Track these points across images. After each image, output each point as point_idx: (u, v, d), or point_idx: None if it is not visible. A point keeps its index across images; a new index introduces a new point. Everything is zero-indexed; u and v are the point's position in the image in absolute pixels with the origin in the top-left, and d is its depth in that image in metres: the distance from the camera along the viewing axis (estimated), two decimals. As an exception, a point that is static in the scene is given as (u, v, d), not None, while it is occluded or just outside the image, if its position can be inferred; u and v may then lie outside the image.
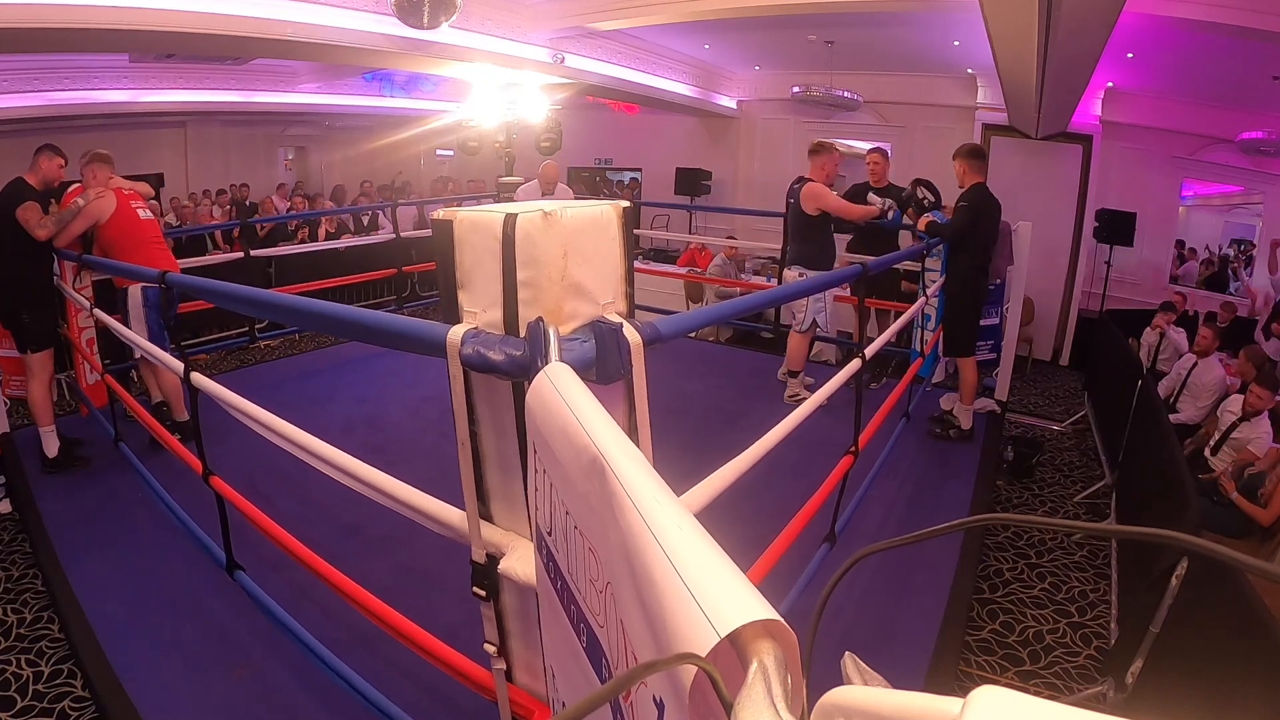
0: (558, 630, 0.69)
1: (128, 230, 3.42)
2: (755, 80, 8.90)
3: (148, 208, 3.60)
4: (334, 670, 1.79)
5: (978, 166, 3.83)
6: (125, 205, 3.43)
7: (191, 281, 2.38)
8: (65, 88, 6.79)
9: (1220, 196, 7.93)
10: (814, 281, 2.53)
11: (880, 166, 4.63)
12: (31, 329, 3.39)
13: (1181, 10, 4.16)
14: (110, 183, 3.45)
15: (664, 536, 0.43)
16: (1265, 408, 3.69)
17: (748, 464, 1.57)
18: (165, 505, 2.67)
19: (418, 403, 4.10)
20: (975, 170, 3.82)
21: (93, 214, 3.34)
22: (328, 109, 9.22)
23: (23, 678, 2.24)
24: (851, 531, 2.51)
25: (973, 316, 4.00)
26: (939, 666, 2.28)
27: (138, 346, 2.92)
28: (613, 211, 1.11)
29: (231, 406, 1.79)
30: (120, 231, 3.40)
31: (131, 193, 3.53)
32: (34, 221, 3.21)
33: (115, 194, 3.42)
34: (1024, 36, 3.54)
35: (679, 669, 0.36)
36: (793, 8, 5.10)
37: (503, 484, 1.17)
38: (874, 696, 0.38)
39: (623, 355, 1.07)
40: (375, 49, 5.11)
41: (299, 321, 2.51)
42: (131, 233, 3.43)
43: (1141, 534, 0.50)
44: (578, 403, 0.66)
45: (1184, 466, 2.80)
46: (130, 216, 3.45)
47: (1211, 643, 1.90)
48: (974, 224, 3.81)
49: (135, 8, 3.93)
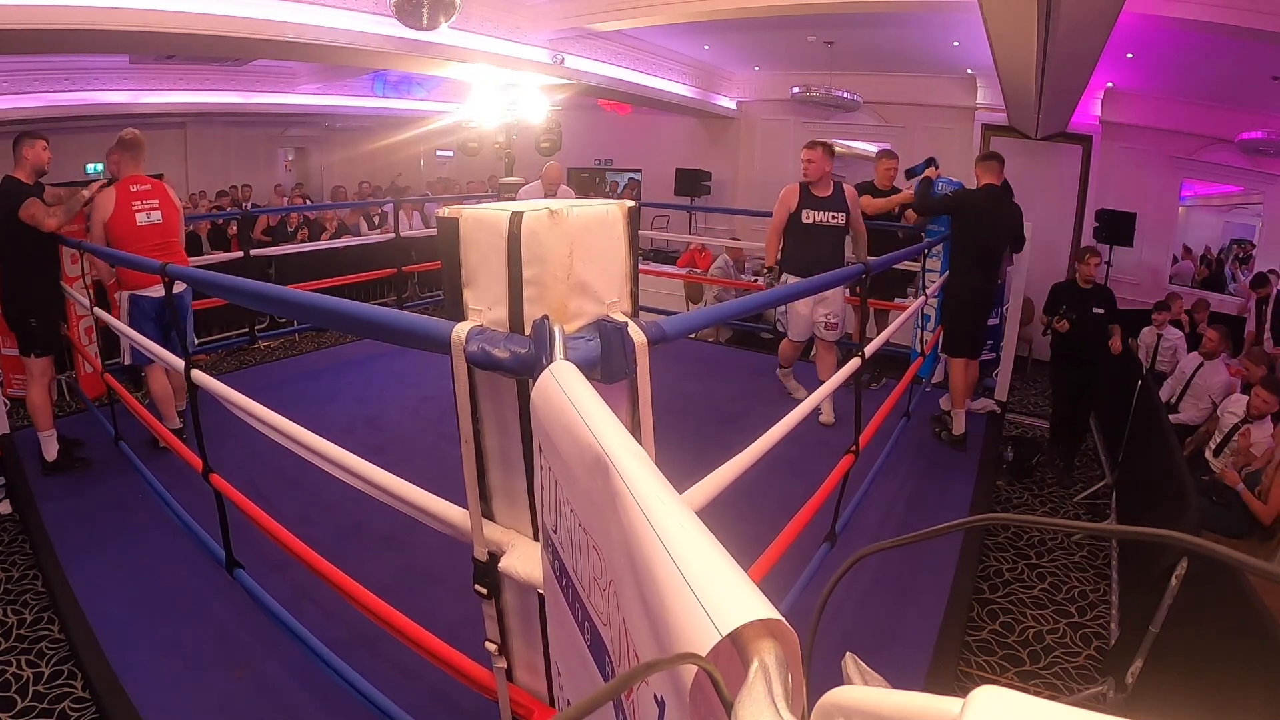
0: (563, 628, 0.70)
1: (121, 234, 3.21)
2: (755, 81, 8.90)
3: (161, 209, 3.33)
4: (334, 669, 1.79)
5: (988, 169, 3.93)
6: (124, 207, 3.22)
7: (194, 273, 2.32)
8: (65, 88, 6.80)
9: (1220, 196, 7.93)
10: (815, 281, 2.52)
11: (890, 171, 4.67)
12: (38, 333, 3.31)
13: (1181, 10, 4.16)
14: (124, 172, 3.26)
15: (666, 535, 0.43)
16: (1270, 411, 3.68)
17: (748, 463, 1.57)
18: (165, 504, 2.67)
19: (418, 403, 4.10)
20: (984, 173, 3.93)
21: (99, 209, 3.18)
22: (328, 110, 9.22)
23: (23, 678, 2.24)
24: (851, 531, 2.52)
25: (964, 317, 4.01)
26: (939, 666, 2.29)
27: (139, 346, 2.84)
28: (618, 211, 1.11)
29: (233, 405, 1.79)
30: (114, 235, 3.21)
31: (141, 192, 3.28)
32: (42, 214, 3.07)
33: (117, 192, 3.22)
34: (1024, 36, 3.55)
35: (680, 667, 0.37)
36: (793, 8, 5.11)
37: (505, 482, 1.17)
38: (874, 696, 0.38)
39: (627, 354, 1.07)
40: (375, 50, 5.12)
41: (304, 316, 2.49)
42: (124, 237, 3.20)
43: (1141, 534, 0.50)
44: (582, 401, 0.66)
45: (1184, 466, 2.81)
46: (126, 220, 3.22)
47: (1211, 643, 1.90)
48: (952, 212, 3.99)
49: (135, 9, 3.93)
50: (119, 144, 3.29)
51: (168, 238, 3.37)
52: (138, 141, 3.35)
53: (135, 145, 3.34)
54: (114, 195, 3.24)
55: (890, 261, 2.98)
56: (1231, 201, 7.93)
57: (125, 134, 3.34)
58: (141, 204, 3.29)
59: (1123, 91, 6.85)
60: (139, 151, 3.35)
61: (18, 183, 3.12)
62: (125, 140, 3.31)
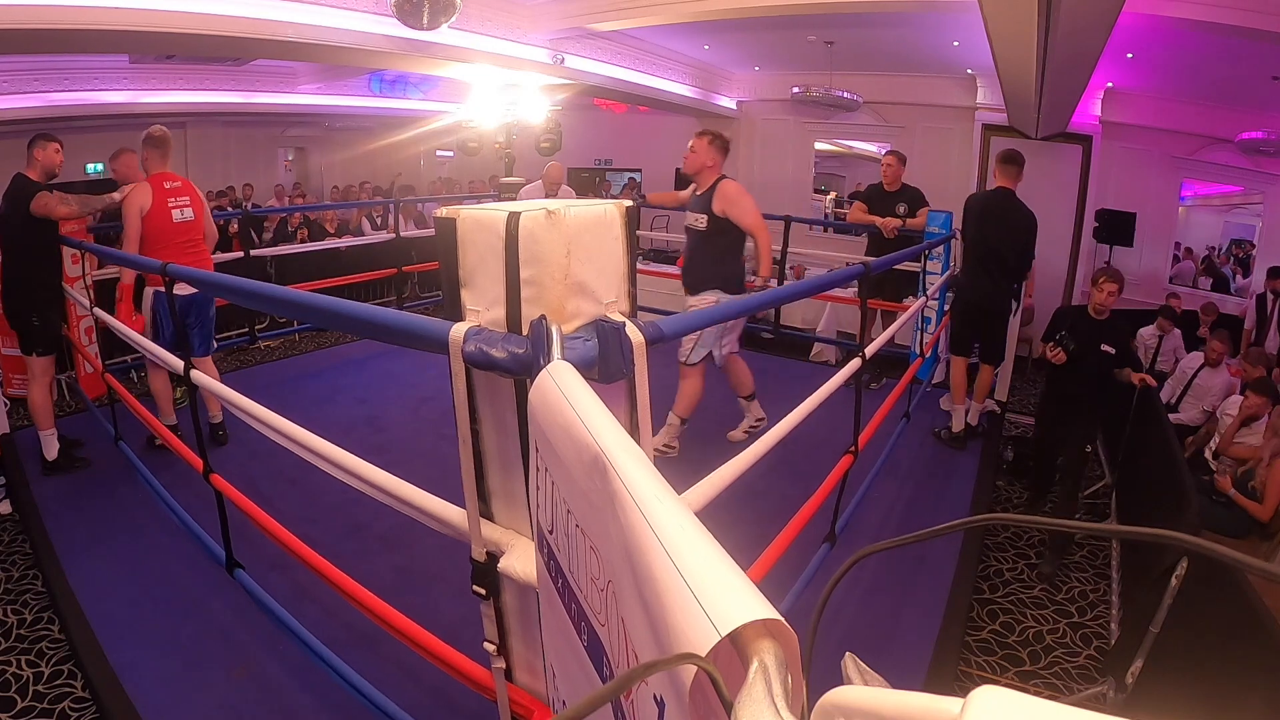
0: (559, 629, 0.69)
1: (156, 229, 3.22)
2: (755, 81, 8.90)
3: (192, 206, 3.35)
4: (334, 669, 1.79)
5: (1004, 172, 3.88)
6: (161, 202, 3.22)
7: (194, 273, 2.34)
8: (65, 88, 6.80)
9: (1220, 196, 7.93)
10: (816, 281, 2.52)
11: (893, 169, 4.64)
12: (39, 332, 3.32)
13: (1181, 10, 4.15)
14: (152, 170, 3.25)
15: (665, 535, 0.43)
16: (1263, 413, 3.69)
17: (748, 464, 1.57)
18: (165, 504, 2.67)
19: (417, 403, 4.10)
20: (998, 174, 3.91)
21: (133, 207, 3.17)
22: (328, 110, 9.22)
23: (23, 678, 2.24)
24: (851, 531, 2.52)
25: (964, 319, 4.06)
26: (939, 666, 2.29)
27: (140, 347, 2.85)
28: (616, 211, 1.11)
29: (233, 405, 1.79)
30: (149, 229, 3.21)
31: (174, 189, 3.30)
32: (55, 201, 3.06)
33: (153, 187, 3.21)
34: (1024, 36, 3.54)
35: (680, 668, 0.36)
36: (793, 8, 5.10)
37: (503, 482, 1.17)
38: (874, 696, 0.38)
39: (625, 354, 1.07)
40: (375, 50, 5.11)
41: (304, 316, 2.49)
42: (159, 232, 3.22)
43: (1141, 534, 0.50)
44: (580, 401, 0.66)
45: (1184, 466, 2.81)
46: (163, 215, 3.24)
47: (1211, 643, 1.90)
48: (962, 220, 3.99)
49: (135, 9, 3.92)
50: (147, 140, 3.27)
51: (195, 235, 3.39)
52: (165, 138, 3.34)
53: (164, 142, 3.32)
54: (150, 189, 3.23)
55: (890, 262, 2.98)
56: (1231, 201, 7.92)
57: (154, 130, 3.31)
58: (175, 200, 3.29)
59: (1123, 91, 6.85)
60: (167, 148, 3.34)
61: (28, 181, 3.13)
62: (154, 137, 3.28)
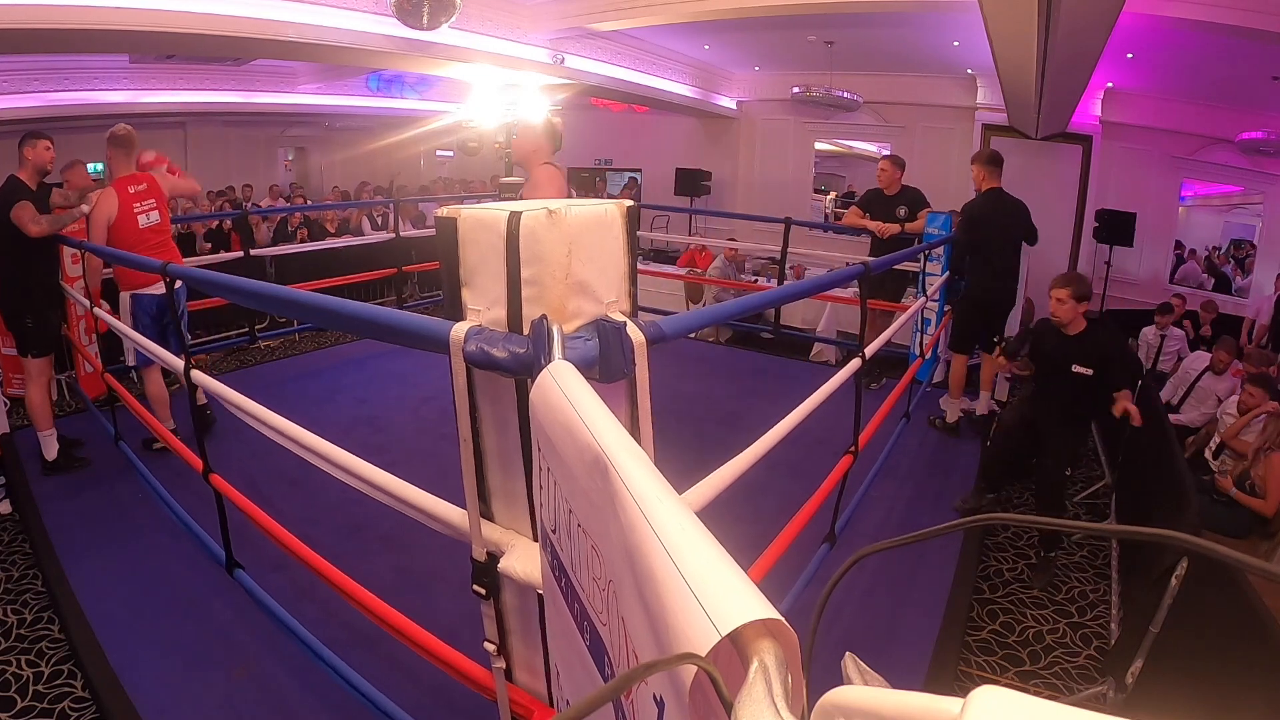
0: (563, 628, 0.69)
1: (123, 237, 3.21)
2: (755, 80, 8.91)
3: (157, 209, 3.33)
4: (334, 669, 1.79)
5: (992, 173, 3.92)
6: (127, 210, 3.22)
7: (194, 273, 2.33)
8: (65, 88, 6.81)
9: (1220, 196, 7.93)
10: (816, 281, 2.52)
11: (887, 174, 4.64)
12: (34, 333, 3.28)
13: (1181, 10, 4.16)
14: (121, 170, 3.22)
15: (666, 534, 0.43)
16: (1256, 404, 3.69)
17: (748, 464, 1.57)
18: (165, 504, 2.67)
19: (417, 403, 4.10)
20: (989, 176, 3.92)
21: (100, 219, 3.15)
22: (328, 110, 9.23)
23: (23, 678, 2.24)
24: (851, 531, 2.52)
25: (973, 316, 4.07)
26: (939, 666, 2.29)
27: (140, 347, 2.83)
28: (616, 210, 1.11)
29: (233, 404, 1.79)
30: (116, 237, 3.20)
31: (139, 193, 3.27)
32: (27, 218, 3.02)
33: (118, 193, 3.20)
34: (1024, 37, 3.55)
35: (680, 668, 0.36)
36: (793, 8, 5.11)
37: (504, 482, 1.17)
38: (874, 696, 0.37)
39: (626, 354, 1.07)
40: (375, 50, 5.12)
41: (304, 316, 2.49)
42: (126, 239, 3.21)
43: (1141, 534, 0.50)
44: (581, 401, 0.66)
45: (1184, 466, 2.81)
46: (129, 223, 3.22)
47: (1211, 643, 1.90)
48: (969, 230, 3.95)
49: (135, 8, 3.93)
50: (110, 140, 3.23)
51: (163, 235, 3.38)
52: (130, 137, 3.28)
53: (128, 141, 3.26)
54: (115, 198, 3.21)
55: (890, 262, 2.99)
56: (1231, 201, 7.92)
57: (117, 129, 3.25)
58: (141, 205, 3.28)
59: (1123, 91, 6.85)
60: (131, 148, 3.29)
61: (19, 183, 3.10)
62: (117, 136, 3.23)
